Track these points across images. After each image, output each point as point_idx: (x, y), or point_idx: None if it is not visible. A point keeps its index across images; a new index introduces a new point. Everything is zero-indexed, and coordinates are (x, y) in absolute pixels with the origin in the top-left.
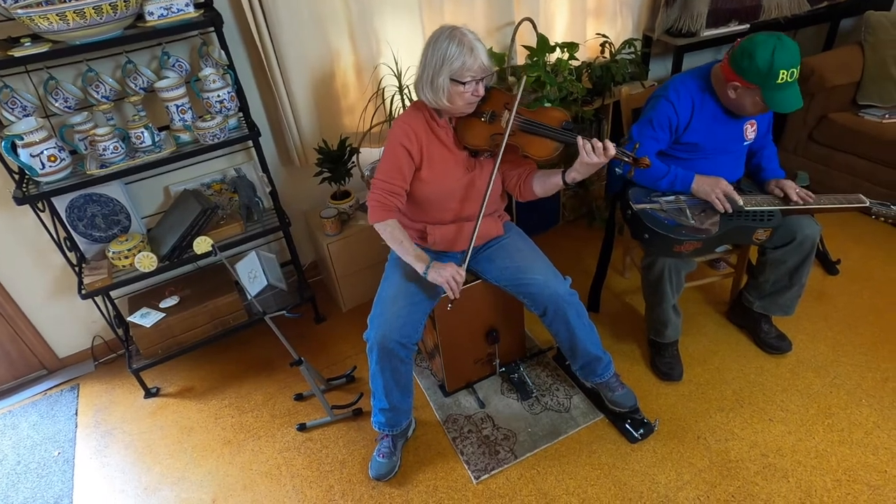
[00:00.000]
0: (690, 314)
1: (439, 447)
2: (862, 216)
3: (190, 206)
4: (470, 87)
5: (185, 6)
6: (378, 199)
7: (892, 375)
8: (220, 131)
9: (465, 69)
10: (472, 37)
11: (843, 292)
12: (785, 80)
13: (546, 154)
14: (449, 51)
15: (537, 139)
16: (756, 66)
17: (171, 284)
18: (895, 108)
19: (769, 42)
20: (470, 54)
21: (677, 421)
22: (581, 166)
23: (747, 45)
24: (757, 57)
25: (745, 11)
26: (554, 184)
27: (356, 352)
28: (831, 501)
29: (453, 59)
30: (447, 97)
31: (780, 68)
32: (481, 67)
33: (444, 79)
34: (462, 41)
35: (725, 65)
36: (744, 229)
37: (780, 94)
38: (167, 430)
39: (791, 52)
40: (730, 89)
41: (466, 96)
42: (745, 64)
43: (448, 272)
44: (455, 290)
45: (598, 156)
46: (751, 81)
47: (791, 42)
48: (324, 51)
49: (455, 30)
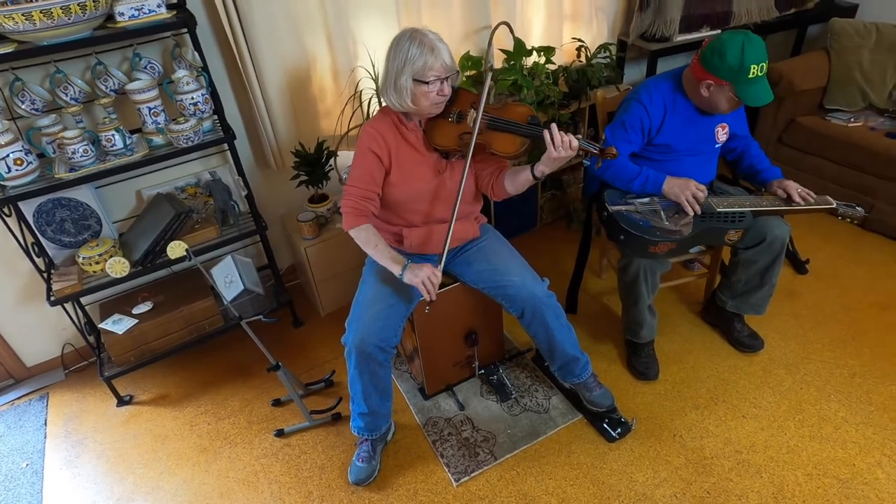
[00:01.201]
0: (666, 314)
1: (419, 450)
2: (829, 217)
3: (163, 211)
4: (434, 87)
5: (157, 7)
6: (351, 205)
7: (859, 371)
8: (193, 134)
9: (426, 69)
10: (434, 37)
11: (812, 291)
12: (756, 74)
13: (513, 150)
14: (410, 52)
15: (504, 135)
16: (727, 63)
17: (144, 290)
18: (860, 112)
19: (737, 39)
20: (431, 53)
21: (654, 419)
22: (549, 160)
23: (716, 45)
24: (728, 54)
25: (716, 17)
26: (525, 179)
27: (335, 356)
28: (802, 495)
29: (415, 59)
30: (412, 98)
31: (750, 63)
32: (443, 66)
33: (406, 79)
34: (423, 42)
35: (696, 65)
36: (716, 230)
37: (752, 88)
38: (140, 438)
39: (759, 47)
40: (703, 88)
41: (431, 96)
42: (717, 62)
43: (424, 273)
44: (431, 292)
45: (564, 148)
46: (723, 78)
47: (757, 38)
48: (300, 53)
49: (415, 31)
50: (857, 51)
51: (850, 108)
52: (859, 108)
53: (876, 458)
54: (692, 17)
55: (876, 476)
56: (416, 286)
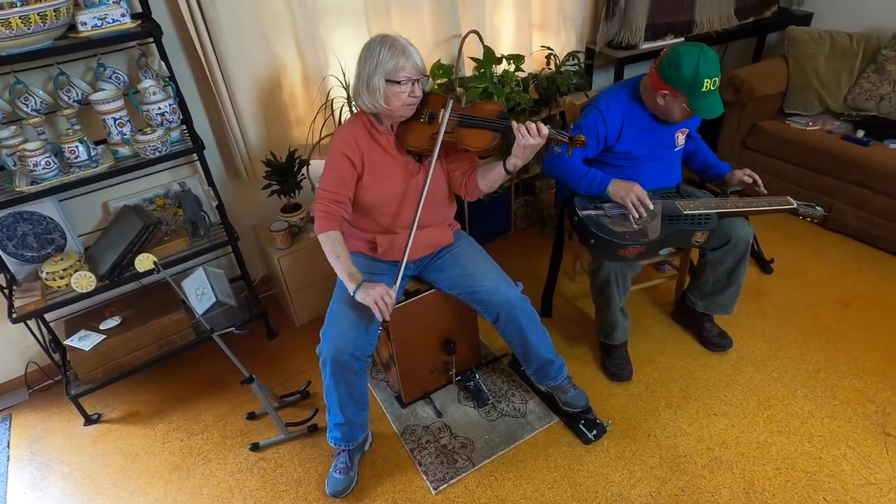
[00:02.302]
0: (638, 315)
1: (397, 459)
2: (791, 217)
3: (131, 223)
4: (406, 88)
5: (121, 17)
6: (323, 209)
7: (823, 366)
8: (161, 144)
9: (398, 69)
10: (404, 41)
11: (777, 290)
12: (709, 88)
13: (484, 144)
14: (381, 54)
15: (474, 131)
16: (683, 75)
17: (112, 305)
18: (817, 116)
19: (693, 53)
20: (402, 55)
21: (628, 420)
22: (519, 150)
23: (673, 56)
24: (683, 67)
25: (679, 26)
26: (497, 175)
27: (311, 366)
28: (772, 489)
29: (386, 60)
30: (384, 98)
31: (704, 77)
32: (415, 68)
33: (379, 79)
34: (394, 45)
35: (654, 75)
36: (683, 232)
37: (705, 101)
38: (110, 458)
39: (713, 62)
40: (659, 97)
41: (403, 97)
42: (673, 73)
43: (376, 292)
44: (385, 312)
45: (533, 137)
46: (678, 90)
47: (712, 52)
48: (269, 61)
49: (387, 36)
50: (813, 57)
51: (808, 113)
52: (817, 112)
53: (841, 450)
54: (657, 25)
55: (841, 468)
56: (368, 305)
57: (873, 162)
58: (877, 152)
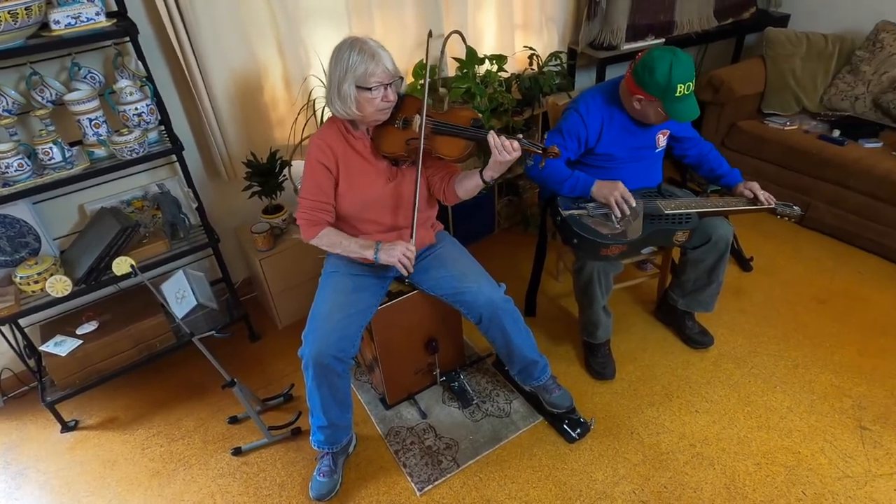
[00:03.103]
0: (621, 314)
1: (381, 461)
2: (770, 216)
3: (108, 225)
4: (378, 94)
5: (96, 15)
6: (306, 217)
7: (801, 362)
8: (138, 146)
9: (368, 75)
10: (375, 44)
11: (757, 287)
12: (682, 92)
13: (458, 153)
14: (351, 59)
15: (449, 139)
16: (656, 80)
17: (89, 309)
18: (795, 116)
19: (666, 58)
20: (372, 60)
21: (612, 418)
22: (494, 164)
23: (647, 61)
24: (657, 72)
25: (660, 27)
26: (474, 184)
27: (294, 369)
28: (753, 484)
29: (356, 66)
30: (356, 105)
31: (677, 83)
32: (385, 72)
33: (349, 86)
34: (363, 49)
35: (629, 79)
36: (664, 232)
37: (679, 105)
38: (88, 465)
39: (686, 66)
40: (634, 101)
41: (376, 102)
42: (647, 78)
43: (399, 250)
44: (409, 266)
45: (507, 151)
46: (652, 94)
47: (686, 56)
48: (250, 61)
49: (356, 39)
50: (790, 58)
51: (786, 113)
52: (794, 112)
53: (819, 444)
54: (637, 26)
55: (819, 462)
56: (393, 265)
57: (848, 160)
58: (851, 151)
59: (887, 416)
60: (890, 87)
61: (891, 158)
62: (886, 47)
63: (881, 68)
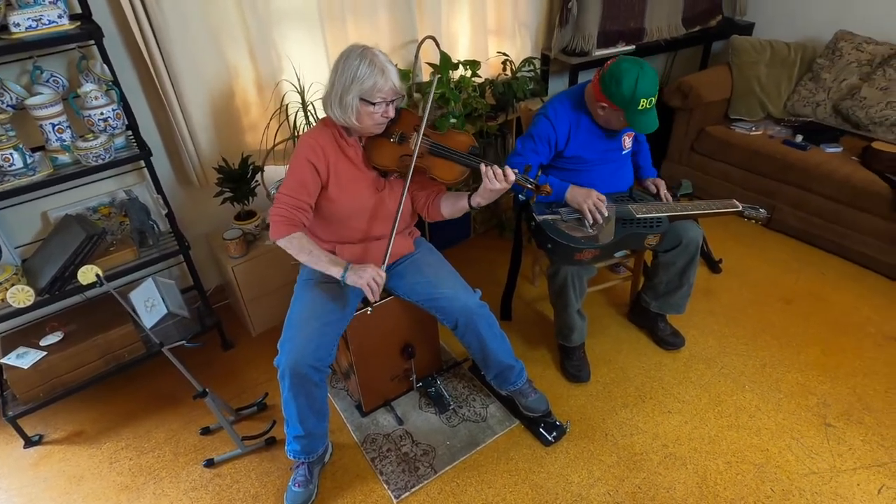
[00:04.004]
0: (595, 317)
1: (358, 469)
2: (738, 219)
3: (73, 233)
4: (380, 109)
5: (58, 18)
6: (282, 214)
7: (769, 362)
8: (104, 151)
9: (375, 90)
10: (384, 58)
11: (725, 289)
12: (645, 106)
13: (453, 178)
14: (360, 70)
15: (445, 162)
16: (622, 92)
17: (53, 319)
18: (760, 121)
19: (633, 71)
20: (381, 75)
21: (587, 420)
22: (484, 192)
23: (615, 72)
24: (623, 85)
25: (630, 34)
26: (461, 207)
27: (268, 378)
28: (724, 483)
29: (364, 78)
30: (356, 116)
31: (641, 97)
32: (392, 89)
33: (353, 97)
34: (374, 62)
35: (596, 85)
36: (636, 235)
37: (640, 117)
38: (52, 481)
39: (651, 81)
40: (598, 108)
41: (376, 117)
42: (613, 89)
43: (368, 274)
44: (376, 292)
45: (499, 182)
46: (616, 104)
47: (651, 70)
48: (220, 66)
49: (367, 49)
50: (754, 65)
51: (752, 118)
52: (759, 117)
53: (786, 441)
54: (608, 33)
55: (786, 459)
56: (361, 287)
57: (810, 165)
58: (814, 156)
59: (850, 412)
60: (848, 94)
61: (850, 163)
62: (845, 55)
63: (840, 76)
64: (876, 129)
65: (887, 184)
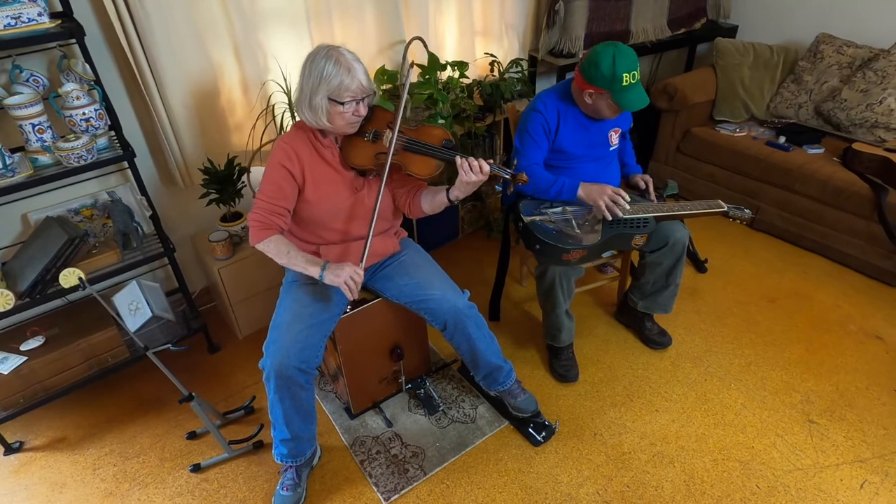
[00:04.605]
0: (583, 317)
1: (347, 472)
2: (723, 219)
3: (54, 235)
4: (350, 108)
5: (38, 16)
6: (259, 219)
7: (754, 360)
8: (86, 152)
9: (343, 89)
10: (351, 56)
11: (711, 289)
12: (629, 81)
13: (428, 172)
14: (326, 70)
15: (420, 158)
16: (602, 73)
17: (34, 324)
18: (744, 122)
19: (608, 51)
20: (347, 74)
21: (576, 420)
22: (461, 185)
23: (591, 56)
24: (601, 65)
25: (616, 35)
26: (440, 202)
27: (255, 381)
28: (710, 480)
29: (331, 77)
30: (327, 117)
31: (622, 72)
32: (360, 87)
33: (321, 98)
34: (339, 60)
35: (578, 77)
36: (623, 236)
37: (627, 94)
38: (34, 489)
39: (629, 57)
40: (586, 97)
41: (347, 116)
42: (593, 72)
43: (345, 273)
44: (354, 291)
45: (475, 174)
46: (600, 87)
47: (627, 48)
48: (205, 65)
49: (332, 49)
50: (738, 68)
51: (736, 120)
52: (743, 119)
53: (771, 439)
54: (595, 34)
55: (772, 456)
56: (338, 286)
57: (793, 165)
58: (796, 157)
59: (832, 409)
60: (829, 96)
61: (832, 164)
62: (826, 58)
63: (821, 78)
64: (856, 130)
65: (867, 184)
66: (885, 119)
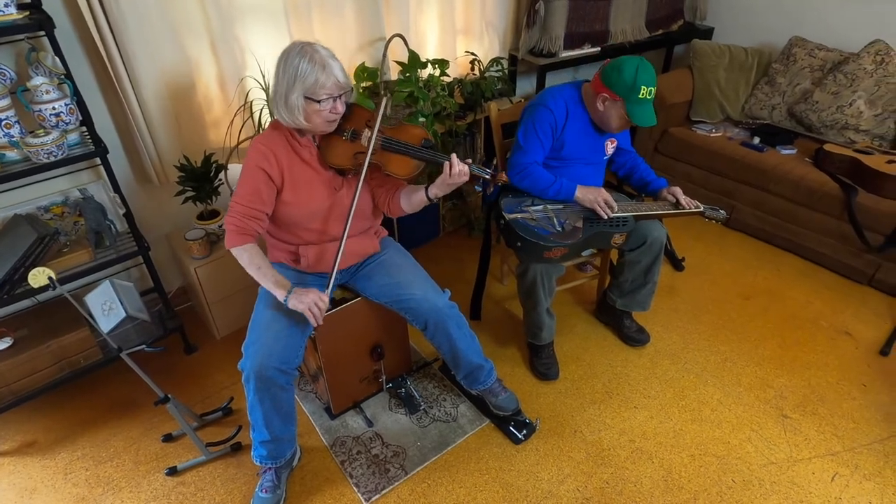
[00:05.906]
0: (563, 315)
1: (327, 473)
2: (699, 219)
3: (22, 234)
4: (326, 105)
5: (5, 7)
6: (235, 223)
7: (730, 357)
8: (56, 148)
9: (318, 86)
10: (326, 53)
11: (688, 286)
12: (645, 96)
13: (407, 172)
14: (301, 67)
15: (399, 157)
16: (623, 79)
17: (2, 324)
18: (720, 123)
19: (633, 61)
20: (322, 71)
21: (556, 418)
22: (442, 184)
23: (616, 62)
24: (624, 72)
25: (595, 36)
26: (419, 200)
27: (233, 381)
28: (688, 475)
29: (305, 75)
30: (304, 116)
31: (641, 84)
32: (336, 84)
33: (297, 97)
34: (314, 58)
35: (597, 80)
36: (603, 234)
37: (640, 108)
38: (2, 494)
39: (650, 73)
40: (599, 101)
41: (324, 114)
42: (614, 77)
43: (309, 298)
44: (318, 317)
45: (454, 176)
46: (617, 93)
47: (650, 65)
48: (181, 60)
49: (306, 45)
50: (714, 69)
51: (712, 120)
52: (719, 119)
53: (746, 434)
54: (574, 34)
55: (746, 450)
56: (302, 312)
57: (767, 166)
58: (770, 157)
59: (805, 404)
60: (802, 98)
61: (804, 164)
62: (798, 61)
63: (794, 80)
64: (827, 131)
65: (838, 185)
66: (854, 121)
